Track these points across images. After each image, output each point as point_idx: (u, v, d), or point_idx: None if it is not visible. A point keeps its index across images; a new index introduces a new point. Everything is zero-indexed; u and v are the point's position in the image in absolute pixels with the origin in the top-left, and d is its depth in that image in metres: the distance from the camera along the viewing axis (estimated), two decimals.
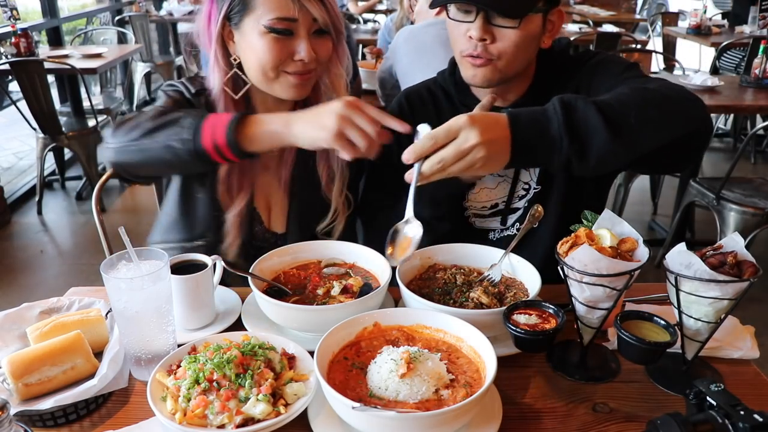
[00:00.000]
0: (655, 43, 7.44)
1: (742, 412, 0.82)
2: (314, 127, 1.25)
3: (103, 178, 1.81)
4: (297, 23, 1.40)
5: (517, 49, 1.40)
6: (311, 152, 1.59)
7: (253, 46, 1.43)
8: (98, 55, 4.94)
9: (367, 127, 1.23)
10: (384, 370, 1.02)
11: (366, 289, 1.31)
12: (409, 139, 1.60)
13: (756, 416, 0.81)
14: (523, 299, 1.24)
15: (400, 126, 1.25)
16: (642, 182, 4.60)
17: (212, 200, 1.54)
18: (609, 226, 1.17)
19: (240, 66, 1.49)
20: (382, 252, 1.38)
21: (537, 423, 1.06)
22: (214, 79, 1.51)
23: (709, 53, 6.59)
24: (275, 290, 1.31)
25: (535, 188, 1.60)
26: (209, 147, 1.28)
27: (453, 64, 1.62)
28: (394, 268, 1.30)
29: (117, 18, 7.35)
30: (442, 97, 1.67)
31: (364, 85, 3.46)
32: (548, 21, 1.45)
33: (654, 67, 5.93)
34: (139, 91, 7.44)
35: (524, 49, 1.43)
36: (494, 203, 1.62)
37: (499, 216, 1.63)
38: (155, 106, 1.47)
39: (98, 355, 1.18)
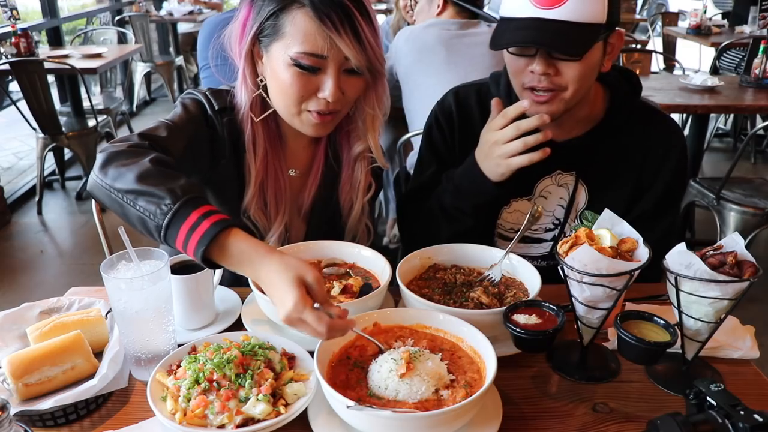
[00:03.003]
0: (655, 43, 7.45)
1: (742, 412, 0.82)
2: (275, 302, 1.06)
3: None
4: (326, 60, 1.30)
5: (582, 78, 1.38)
6: (333, 181, 1.57)
7: (277, 75, 1.35)
8: (98, 55, 4.94)
9: (315, 323, 1.01)
10: (384, 370, 1.02)
11: (366, 289, 1.31)
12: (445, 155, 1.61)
13: (756, 416, 0.81)
14: (523, 299, 1.24)
15: (346, 327, 1.08)
16: None
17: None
18: (609, 226, 1.17)
19: (266, 88, 1.42)
20: (381, 250, 1.40)
21: (537, 423, 1.06)
22: (242, 97, 1.44)
23: (709, 53, 6.59)
24: None
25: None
26: (179, 247, 1.12)
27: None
28: (394, 269, 1.30)
29: (117, 18, 7.35)
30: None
31: None
32: (608, 44, 1.42)
33: (654, 67, 5.94)
34: (139, 91, 7.45)
35: (588, 78, 1.41)
36: (519, 228, 1.60)
37: (522, 243, 1.63)
38: (157, 134, 1.32)
39: (98, 355, 1.18)
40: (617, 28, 1.42)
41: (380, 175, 1.66)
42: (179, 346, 1.16)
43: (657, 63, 6.86)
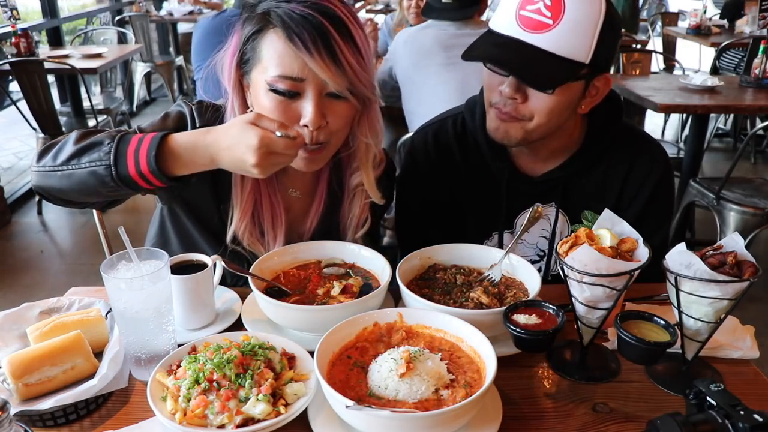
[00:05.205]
0: (655, 43, 7.45)
1: (742, 412, 0.82)
2: (240, 167, 1.16)
3: None
4: (303, 83, 1.23)
5: (550, 113, 1.35)
6: (335, 208, 1.51)
7: (259, 103, 1.29)
8: (98, 55, 4.94)
9: (288, 150, 1.15)
10: (384, 369, 1.02)
11: (366, 289, 1.31)
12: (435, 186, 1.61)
13: (756, 416, 0.81)
14: (523, 299, 1.24)
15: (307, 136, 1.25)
16: None
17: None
18: (609, 226, 1.17)
19: None
20: (381, 250, 1.40)
21: (537, 423, 1.06)
22: None
23: (709, 53, 6.59)
24: (275, 290, 1.31)
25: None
26: (133, 174, 1.16)
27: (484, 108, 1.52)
28: (394, 269, 1.30)
29: (117, 18, 7.36)
30: (473, 148, 1.58)
31: None
32: (592, 86, 1.38)
33: (654, 67, 5.94)
34: (139, 91, 7.45)
35: (557, 114, 1.36)
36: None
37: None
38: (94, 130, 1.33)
39: (98, 355, 1.18)
40: (606, 74, 1.38)
41: (381, 206, 1.56)
42: (179, 346, 1.16)
43: (657, 63, 6.86)
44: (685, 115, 5.52)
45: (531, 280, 1.32)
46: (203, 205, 1.44)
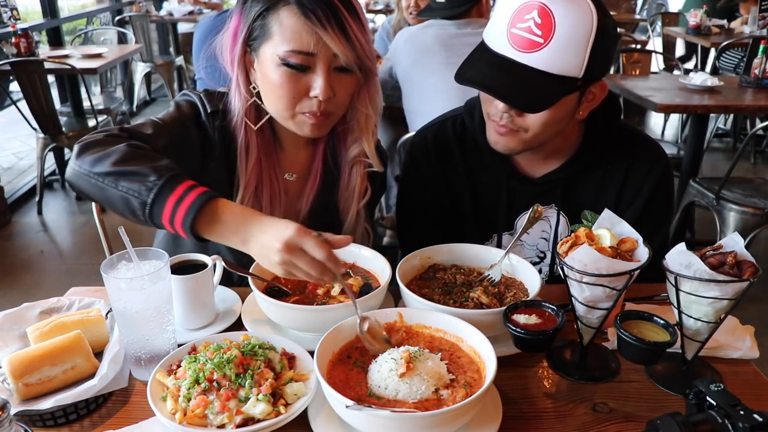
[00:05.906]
0: (655, 43, 7.45)
1: (741, 412, 0.82)
2: (264, 261, 1.12)
3: None
4: (315, 57, 1.29)
5: (545, 125, 1.35)
6: (332, 186, 1.54)
7: (268, 78, 1.33)
8: (98, 55, 4.94)
9: (311, 270, 1.10)
10: (384, 369, 1.02)
11: (366, 289, 1.31)
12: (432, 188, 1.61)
13: (756, 416, 0.81)
14: (523, 299, 1.24)
15: (345, 243, 1.16)
16: None
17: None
18: (609, 226, 1.17)
19: (260, 95, 1.41)
20: (381, 250, 1.40)
21: (537, 423, 1.06)
22: (236, 105, 1.42)
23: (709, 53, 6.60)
24: (275, 290, 1.31)
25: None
26: (165, 222, 1.14)
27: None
28: (394, 269, 1.30)
29: (117, 18, 7.35)
30: (472, 148, 1.58)
31: None
32: (588, 92, 1.38)
33: (654, 67, 5.94)
34: (139, 91, 7.45)
35: (553, 125, 1.37)
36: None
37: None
38: (144, 123, 1.35)
39: (98, 355, 1.18)
40: (602, 80, 1.38)
41: (380, 178, 1.62)
42: (179, 346, 1.16)
43: (657, 63, 6.86)
44: (684, 115, 5.52)
45: (531, 280, 1.32)
46: (220, 185, 1.44)
